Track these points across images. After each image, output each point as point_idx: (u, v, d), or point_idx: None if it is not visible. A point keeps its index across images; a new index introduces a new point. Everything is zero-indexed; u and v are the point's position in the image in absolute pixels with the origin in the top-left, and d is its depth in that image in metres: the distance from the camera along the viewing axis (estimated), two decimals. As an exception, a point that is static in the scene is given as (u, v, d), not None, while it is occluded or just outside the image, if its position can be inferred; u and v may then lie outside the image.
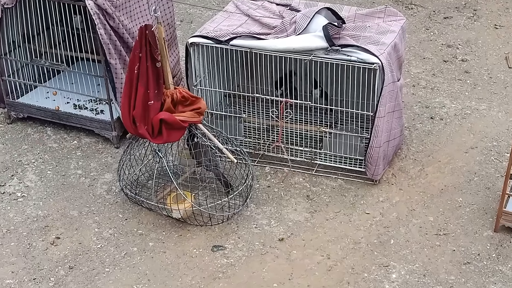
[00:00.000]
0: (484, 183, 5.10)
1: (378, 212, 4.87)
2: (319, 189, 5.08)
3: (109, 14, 5.08)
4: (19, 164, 5.35)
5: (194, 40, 5.03)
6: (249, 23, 5.18)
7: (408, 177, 5.17)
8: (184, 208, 4.70)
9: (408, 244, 4.63)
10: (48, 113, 5.63)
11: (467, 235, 4.68)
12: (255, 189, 5.06)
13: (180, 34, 6.86)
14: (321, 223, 4.80)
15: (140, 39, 4.43)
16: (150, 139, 4.62)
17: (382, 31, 5.01)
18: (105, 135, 5.52)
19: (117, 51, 5.19)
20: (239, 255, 4.58)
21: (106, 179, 5.20)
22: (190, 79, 5.17)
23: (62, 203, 4.99)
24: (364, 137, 5.09)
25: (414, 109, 5.90)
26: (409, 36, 6.85)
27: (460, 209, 4.89)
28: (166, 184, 4.91)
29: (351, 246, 4.62)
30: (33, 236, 4.73)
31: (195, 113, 4.64)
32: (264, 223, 4.81)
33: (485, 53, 6.68)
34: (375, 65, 4.71)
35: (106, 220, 4.85)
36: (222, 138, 4.92)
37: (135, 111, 4.55)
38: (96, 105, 5.71)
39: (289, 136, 5.31)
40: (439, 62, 6.56)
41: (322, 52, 4.81)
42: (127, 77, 4.56)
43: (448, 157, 5.36)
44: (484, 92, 6.13)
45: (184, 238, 4.70)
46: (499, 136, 5.57)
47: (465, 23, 7.18)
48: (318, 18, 4.93)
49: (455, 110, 5.89)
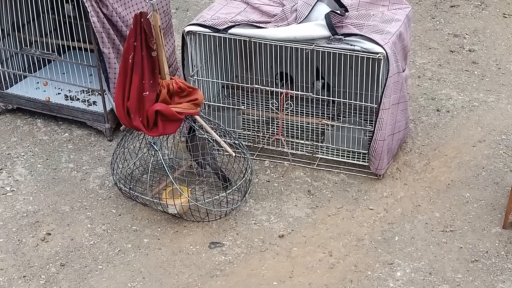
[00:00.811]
0: (492, 178, 5.02)
1: (382, 208, 4.80)
2: (320, 184, 5.01)
3: (102, 1, 4.99)
4: (8, 158, 5.27)
5: (191, 28, 4.95)
6: (248, 11, 5.10)
7: (413, 172, 5.10)
8: (180, 203, 4.63)
9: (413, 241, 4.55)
10: (38, 105, 5.55)
11: (474, 232, 4.60)
12: (254, 183, 4.99)
13: (176, 23, 6.83)
14: (323, 219, 4.73)
15: (135, 27, 4.34)
16: (145, 131, 4.54)
17: (387, 19, 4.93)
18: (98, 127, 5.43)
19: (110, 40, 5.10)
20: (238, 252, 4.50)
21: (99, 173, 5.13)
22: (187, 69, 5.09)
23: (53, 198, 4.92)
24: (368, 130, 5.01)
25: (419, 101, 5.83)
26: (414, 25, 6.79)
27: (467, 205, 4.81)
28: (162, 178, 4.83)
29: (354, 243, 4.55)
30: (23, 232, 4.65)
31: (192, 104, 4.57)
32: (263, 219, 4.73)
33: (493, 43, 6.63)
34: (379, 55, 4.62)
35: (99, 215, 4.78)
36: (220, 130, 4.85)
37: (129, 102, 4.47)
38: (88, 96, 5.63)
39: (289, 129, 5.24)
40: (446, 52, 6.50)
41: (324, 41, 4.73)
42: (121, 67, 4.47)
43: (455, 151, 5.29)
44: (492, 83, 6.07)
45: (180, 234, 4.63)
46: (508, 129, 5.50)
47: (473, 12, 7.14)
48: (320, 6, 4.85)
49: (462, 102, 5.82)
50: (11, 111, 5.70)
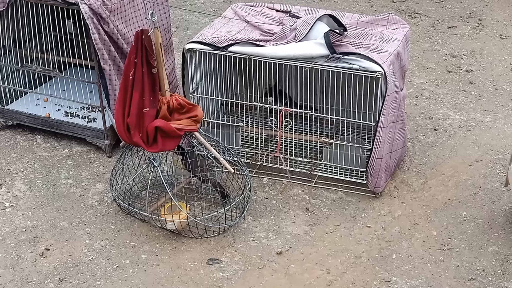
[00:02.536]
0: (489, 197, 5.02)
1: (379, 226, 4.79)
2: (318, 201, 5.00)
3: (104, 19, 5.01)
4: (8, 173, 5.27)
5: (191, 46, 4.96)
6: (248, 29, 5.11)
7: (411, 190, 5.10)
8: (178, 220, 4.62)
9: (411, 259, 4.54)
10: (39, 121, 5.54)
11: (471, 250, 4.59)
12: (252, 200, 4.98)
13: (176, 41, 6.83)
14: (321, 236, 4.72)
15: (136, 44, 4.37)
16: (145, 147, 4.56)
17: (385, 39, 4.95)
18: (97, 143, 5.43)
19: (111, 56, 5.12)
20: (236, 269, 4.48)
21: (98, 189, 5.12)
22: (187, 86, 5.11)
23: (52, 213, 4.91)
24: (366, 148, 5.01)
25: (417, 120, 5.84)
26: (412, 45, 6.81)
27: (464, 223, 4.81)
28: (161, 194, 4.83)
29: (351, 261, 4.53)
30: (22, 248, 4.63)
31: (192, 121, 4.59)
32: (261, 236, 4.72)
33: (490, 63, 6.64)
34: (377, 74, 4.64)
35: (98, 231, 4.76)
36: (219, 147, 4.85)
37: (129, 119, 4.49)
38: (88, 113, 5.63)
39: (288, 147, 5.23)
40: (443, 72, 6.51)
41: (323, 59, 4.74)
42: (121, 83, 4.49)
43: (452, 170, 5.29)
44: (490, 103, 6.07)
45: (179, 250, 4.61)
46: (505, 149, 5.49)
47: (470, 33, 7.16)
48: (319, 25, 4.87)
49: (460, 121, 5.83)
50: (11, 127, 5.69)
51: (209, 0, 7.86)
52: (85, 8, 4.92)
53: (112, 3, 5.05)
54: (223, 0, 7.83)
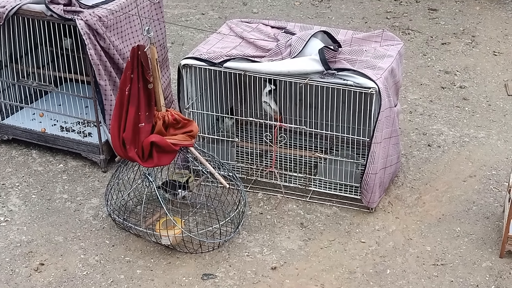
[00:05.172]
0: (483, 212, 5.03)
1: (374, 241, 4.79)
2: (313, 216, 5.00)
3: (100, 35, 5.02)
4: (3, 188, 5.25)
5: (187, 61, 4.97)
6: (243, 45, 5.13)
7: (405, 206, 5.10)
8: (173, 235, 4.61)
9: (405, 274, 4.54)
10: (34, 135, 5.54)
11: (465, 266, 4.59)
12: (247, 215, 4.97)
13: (171, 57, 6.85)
14: (315, 251, 4.72)
15: (132, 60, 4.38)
16: (140, 162, 4.55)
17: (379, 55, 4.97)
18: (93, 158, 5.43)
19: (107, 72, 5.13)
20: (230, 284, 4.47)
21: (92, 204, 5.11)
22: (182, 102, 5.12)
23: (47, 228, 4.89)
24: (360, 164, 5.02)
25: (411, 136, 5.85)
26: (406, 61, 6.84)
27: (458, 239, 4.81)
28: (155, 209, 4.82)
29: (346, 276, 4.53)
30: (16, 262, 4.62)
31: (187, 136, 4.59)
32: (256, 251, 4.72)
33: (483, 80, 6.66)
34: (371, 90, 4.65)
35: (92, 246, 4.75)
36: (214, 162, 4.85)
37: (125, 133, 4.49)
38: (84, 128, 5.63)
39: (282, 162, 5.24)
40: (437, 88, 6.53)
41: (317, 75, 4.75)
42: (117, 99, 4.50)
43: (446, 186, 5.30)
44: (483, 119, 6.09)
45: (173, 265, 4.60)
46: (498, 164, 5.51)
47: (464, 49, 7.19)
48: (314, 41, 4.89)
49: (453, 137, 5.85)
50: (7, 142, 5.69)
51: (205, 16, 7.89)
52: (81, 24, 4.93)
53: (108, 19, 5.06)
54: (219, 16, 7.87)
